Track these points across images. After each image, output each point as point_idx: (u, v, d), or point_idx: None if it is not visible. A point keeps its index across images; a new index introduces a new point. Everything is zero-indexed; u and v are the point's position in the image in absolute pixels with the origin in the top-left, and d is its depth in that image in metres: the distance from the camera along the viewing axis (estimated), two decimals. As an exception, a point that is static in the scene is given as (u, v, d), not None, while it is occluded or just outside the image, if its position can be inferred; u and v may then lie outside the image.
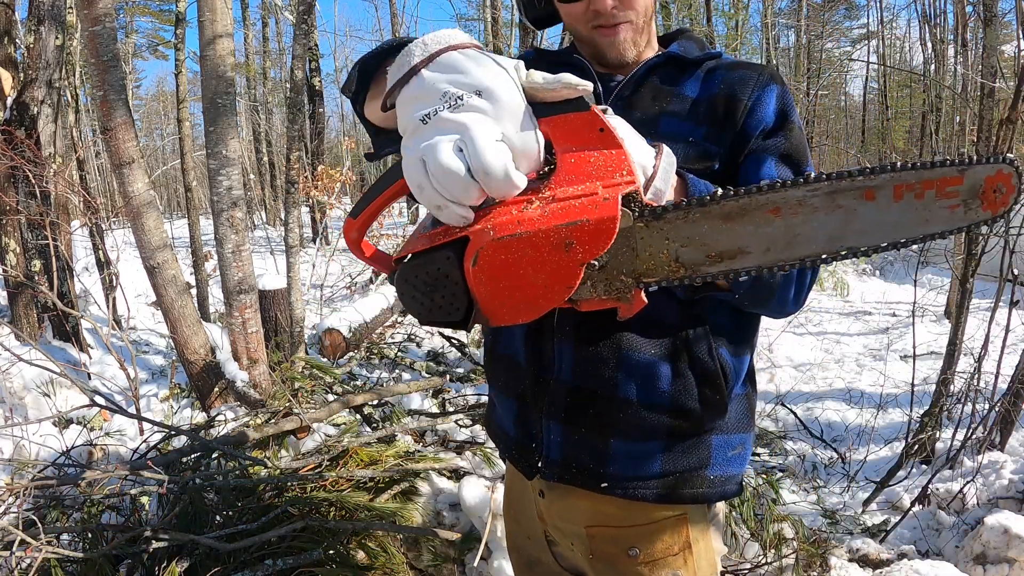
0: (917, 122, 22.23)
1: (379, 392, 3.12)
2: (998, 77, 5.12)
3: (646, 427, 1.02)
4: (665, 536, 1.05)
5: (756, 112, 1.06)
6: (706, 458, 1.05)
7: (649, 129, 1.03)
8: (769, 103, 1.07)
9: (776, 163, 1.04)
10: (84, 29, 3.10)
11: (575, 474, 1.06)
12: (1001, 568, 2.30)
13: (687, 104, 1.09)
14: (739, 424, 1.09)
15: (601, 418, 1.03)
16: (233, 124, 3.44)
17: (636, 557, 1.05)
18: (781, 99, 1.08)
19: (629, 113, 1.07)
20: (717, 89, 1.09)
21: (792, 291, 0.99)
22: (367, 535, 2.24)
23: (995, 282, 3.23)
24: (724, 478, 1.07)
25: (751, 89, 1.08)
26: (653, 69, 1.12)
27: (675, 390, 1.02)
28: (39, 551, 1.80)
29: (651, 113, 1.09)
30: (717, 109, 1.07)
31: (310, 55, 13.73)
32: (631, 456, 1.03)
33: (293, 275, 4.30)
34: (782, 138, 1.06)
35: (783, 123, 1.07)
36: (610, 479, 1.04)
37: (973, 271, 3.10)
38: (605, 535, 1.07)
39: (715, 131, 1.06)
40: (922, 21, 19.46)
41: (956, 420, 3.36)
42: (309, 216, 13.69)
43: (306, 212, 13.61)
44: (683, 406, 1.02)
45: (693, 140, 1.05)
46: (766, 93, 1.08)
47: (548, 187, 0.76)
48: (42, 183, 4.00)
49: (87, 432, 3.25)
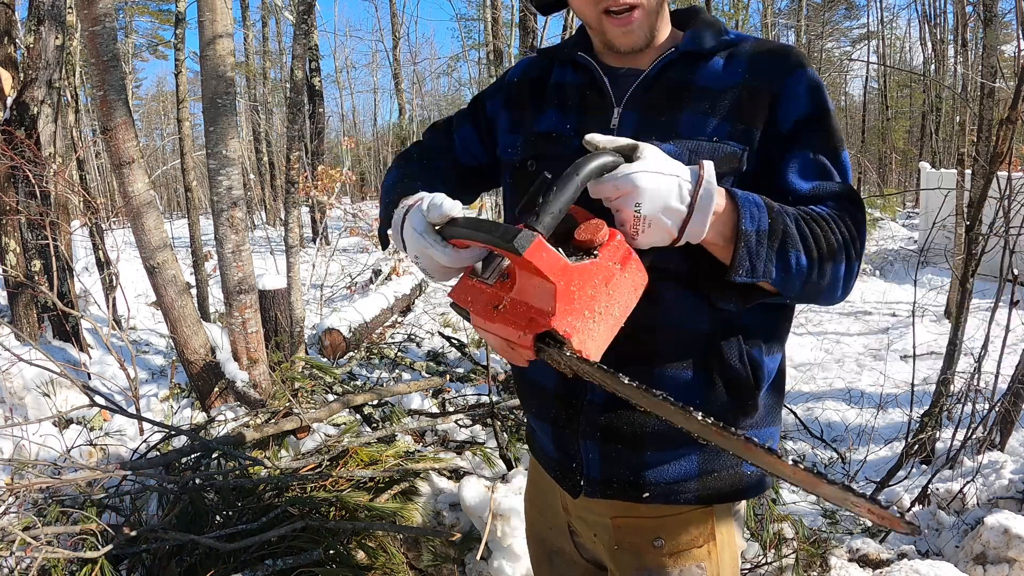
0: (917, 122, 22.24)
1: (379, 392, 3.12)
2: (998, 77, 5.12)
3: (679, 436, 0.99)
4: (691, 528, 1.05)
5: (787, 102, 1.00)
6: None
7: (668, 133, 1.01)
8: (800, 91, 1.01)
9: (812, 157, 1.00)
10: (84, 29, 3.10)
11: (616, 489, 1.06)
12: (1001, 568, 2.30)
13: (707, 98, 1.02)
14: (767, 418, 1.08)
15: (635, 432, 1.03)
16: (233, 124, 3.44)
17: (661, 548, 1.06)
18: (812, 84, 1.01)
19: (645, 116, 1.03)
20: (740, 79, 1.02)
21: (842, 282, 0.97)
22: (367, 535, 2.24)
23: (995, 282, 3.23)
24: (758, 473, 1.07)
25: (780, 76, 1.01)
26: (667, 66, 1.05)
27: (707, 399, 1.00)
28: (39, 551, 1.80)
29: (668, 114, 1.03)
30: (742, 101, 1.01)
31: (310, 55, 13.73)
32: (668, 465, 1.03)
33: (293, 275, 4.31)
34: (816, 128, 1.00)
35: (817, 111, 1.01)
36: (651, 489, 1.04)
37: (973, 271, 3.10)
38: (631, 525, 1.08)
39: (741, 127, 1.00)
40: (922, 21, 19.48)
41: (956, 420, 3.36)
42: (309, 216, 13.70)
43: (306, 212, 13.61)
44: (714, 413, 1.00)
45: (717, 139, 1.00)
46: (796, 79, 1.01)
47: (507, 291, 0.88)
48: (42, 183, 4.01)
49: (87, 432, 3.25)
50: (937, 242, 7.32)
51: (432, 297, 8.02)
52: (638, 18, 1.01)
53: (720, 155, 0.99)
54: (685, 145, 1.00)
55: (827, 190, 0.99)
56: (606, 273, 0.83)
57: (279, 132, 20.46)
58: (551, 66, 1.19)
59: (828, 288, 0.96)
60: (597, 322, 0.83)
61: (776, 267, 0.91)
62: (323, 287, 7.59)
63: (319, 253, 9.62)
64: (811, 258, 0.92)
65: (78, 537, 2.06)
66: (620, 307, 0.86)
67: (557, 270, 0.79)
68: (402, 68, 20.65)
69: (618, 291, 0.85)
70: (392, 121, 32.07)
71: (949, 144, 16.96)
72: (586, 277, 0.82)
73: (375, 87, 42.51)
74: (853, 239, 0.96)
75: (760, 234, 0.90)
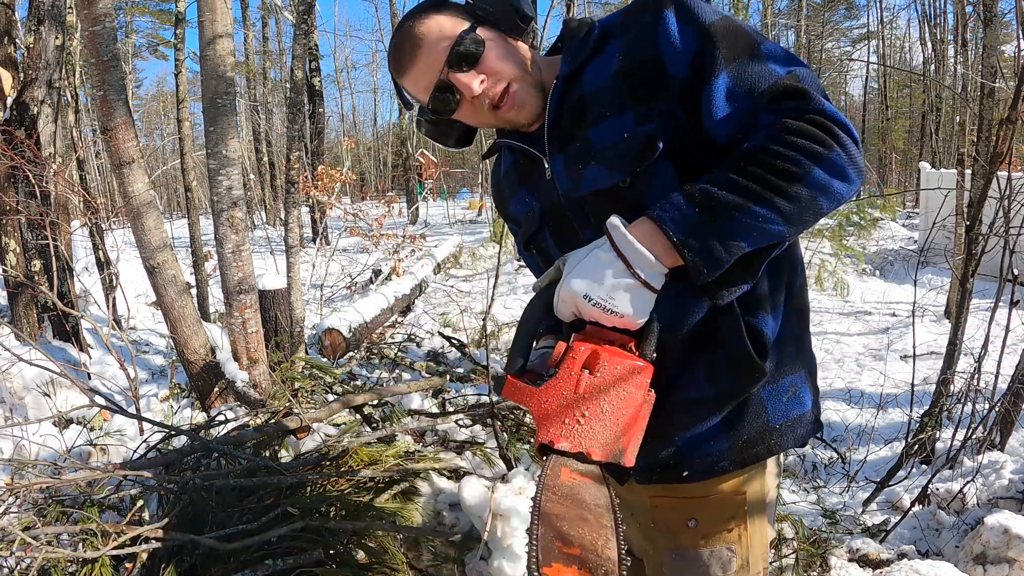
0: (917, 122, 22.24)
1: (379, 392, 3.12)
2: (998, 77, 5.12)
3: (698, 415, 1.03)
4: (724, 512, 1.07)
5: (669, 53, 0.95)
6: (763, 415, 1.04)
7: (587, 155, 1.02)
8: (672, 33, 0.95)
9: (721, 86, 0.92)
10: (84, 29, 3.10)
11: (660, 473, 1.08)
12: (1001, 568, 2.30)
13: (600, 100, 1.01)
14: (783, 368, 1.05)
15: (658, 421, 1.04)
16: (233, 124, 3.44)
17: (695, 528, 1.07)
18: (681, 17, 0.95)
19: (566, 152, 1.05)
20: (617, 64, 1.00)
21: (832, 181, 0.88)
22: (367, 535, 2.24)
23: (995, 282, 3.23)
24: (790, 423, 1.05)
25: (647, 35, 0.97)
26: (560, 99, 1.06)
27: (716, 379, 1.01)
28: (39, 551, 1.80)
29: (580, 138, 1.03)
30: (631, 82, 0.98)
31: (310, 55, 13.73)
32: (699, 442, 1.04)
33: (293, 275, 4.31)
34: (709, 53, 0.93)
35: (699, 37, 0.93)
36: (688, 467, 1.05)
37: (973, 271, 3.10)
38: (669, 505, 1.09)
39: (643, 108, 0.97)
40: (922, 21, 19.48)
41: (956, 420, 3.36)
42: (309, 216, 13.70)
43: (306, 212, 13.61)
44: (725, 389, 1.01)
45: (627, 135, 0.98)
46: (664, 26, 0.96)
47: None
48: (42, 183, 4.01)
49: (87, 432, 3.25)
50: (937, 242, 7.32)
51: (432, 297, 8.02)
52: (518, 91, 1.04)
53: (636, 150, 0.97)
54: (606, 159, 1.00)
55: (754, 108, 0.91)
56: (570, 383, 0.92)
57: (279, 132, 20.47)
58: (498, 161, 1.27)
59: (821, 197, 0.88)
60: (585, 424, 0.92)
61: (737, 238, 0.89)
62: (323, 287, 7.59)
63: (319, 253, 9.62)
64: (766, 200, 0.87)
65: (78, 537, 2.06)
66: (609, 402, 0.92)
67: (525, 399, 0.94)
68: (402, 68, 20.58)
69: (596, 391, 0.92)
70: (392, 121, 32.11)
71: (949, 144, 16.96)
72: (550, 394, 0.92)
73: (375, 87, 42.47)
74: (810, 135, 0.86)
75: (695, 228, 0.88)
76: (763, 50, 0.93)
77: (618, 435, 0.92)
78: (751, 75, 0.92)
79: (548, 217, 1.12)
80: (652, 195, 0.96)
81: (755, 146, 0.89)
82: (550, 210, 1.11)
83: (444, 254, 9.75)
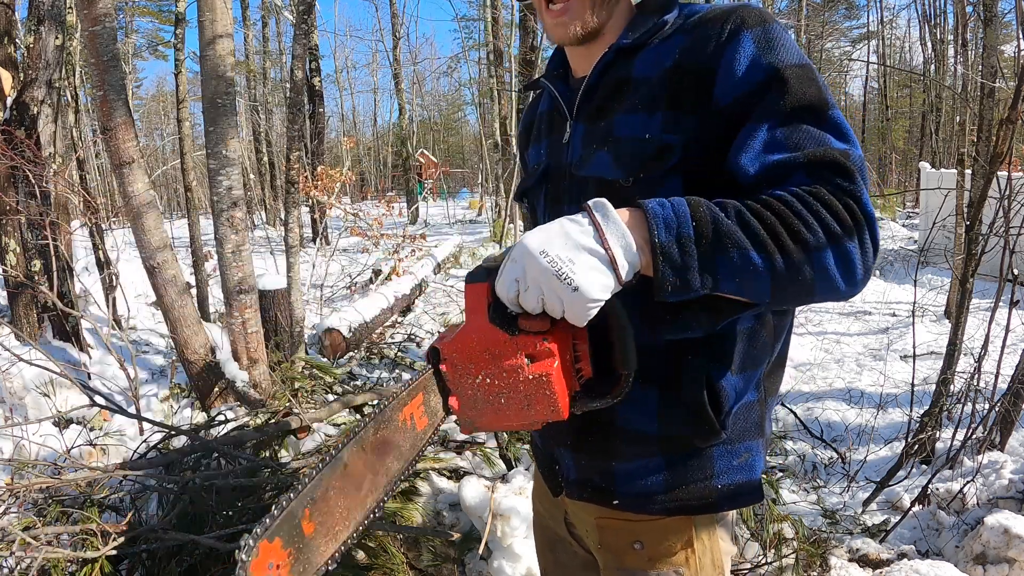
0: (917, 122, 22.26)
1: (379, 392, 3.12)
2: (998, 77, 5.12)
3: (641, 451, 1.01)
4: (669, 534, 1.05)
5: (725, 76, 0.87)
6: (709, 470, 1.00)
7: (605, 138, 0.99)
8: (739, 58, 0.87)
9: (767, 131, 0.84)
10: (84, 29, 3.10)
11: (591, 493, 1.08)
12: (1001, 568, 2.30)
13: (640, 90, 0.94)
14: (744, 433, 1.01)
15: (601, 444, 1.04)
16: (233, 124, 3.44)
17: (640, 551, 1.06)
18: (759, 46, 0.86)
19: (590, 126, 1.02)
20: (672, 61, 0.92)
21: (836, 271, 0.80)
22: (367, 535, 2.24)
23: (995, 282, 3.23)
24: (732, 487, 1.01)
25: (714, 49, 0.88)
26: (607, 67, 1.00)
27: (665, 419, 0.98)
28: (39, 551, 1.80)
29: (606, 118, 0.98)
30: (675, 86, 0.91)
31: (310, 55, 13.73)
32: (635, 476, 1.03)
33: (293, 275, 4.31)
34: (769, 94, 0.85)
35: (769, 74, 0.85)
36: (620, 497, 1.04)
37: (973, 271, 3.10)
38: (613, 527, 1.09)
39: (673, 115, 0.90)
40: (922, 21, 19.48)
41: (956, 420, 3.36)
42: (309, 216, 13.70)
43: (306, 212, 13.62)
44: (673, 433, 0.99)
45: (649, 136, 0.92)
46: (735, 47, 0.87)
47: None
48: (42, 183, 4.01)
49: (87, 432, 3.25)
50: (937, 242, 7.32)
51: (432, 297, 8.02)
52: (573, 7, 0.97)
53: (648, 154, 0.91)
54: (618, 151, 0.96)
55: (791, 163, 0.83)
56: (511, 356, 0.84)
57: (279, 132, 20.47)
58: (539, 98, 1.23)
59: (818, 282, 0.80)
60: (480, 396, 0.87)
61: (720, 274, 0.79)
62: (323, 287, 7.59)
63: (319, 253, 9.62)
64: (767, 253, 0.78)
65: (78, 537, 2.06)
66: (506, 394, 0.86)
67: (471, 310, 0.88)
68: (402, 68, 20.67)
69: (513, 384, 0.85)
70: (392, 121, 32.11)
71: (949, 144, 16.97)
72: (488, 337, 0.85)
73: (375, 87, 42.62)
74: (838, 215, 0.79)
75: (684, 241, 0.78)
76: (829, 115, 0.85)
77: (492, 424, 0.90)
78: (804, 135, 0.85)
79: (550, 178, 1.11)
80: None
81: (780, 196, 0.81)
82: (554, 172, 1.09)
83: (444, 254, 9.76)
